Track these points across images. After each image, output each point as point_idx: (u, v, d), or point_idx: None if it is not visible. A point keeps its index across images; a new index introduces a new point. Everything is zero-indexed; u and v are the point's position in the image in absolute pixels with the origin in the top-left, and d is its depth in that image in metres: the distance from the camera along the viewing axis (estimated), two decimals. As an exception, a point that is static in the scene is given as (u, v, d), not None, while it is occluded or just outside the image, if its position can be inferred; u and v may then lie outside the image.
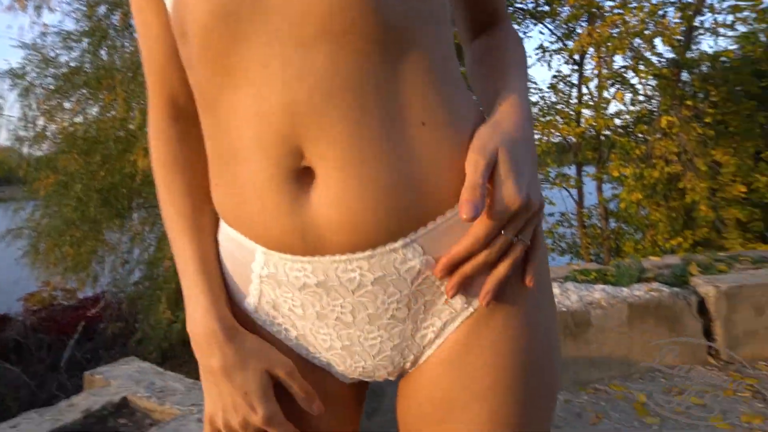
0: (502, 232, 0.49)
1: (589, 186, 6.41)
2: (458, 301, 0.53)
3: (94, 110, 6.29)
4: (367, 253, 0.50)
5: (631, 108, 5.76)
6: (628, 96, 5.56)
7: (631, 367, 2.35)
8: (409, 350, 0.55)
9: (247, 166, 0.51)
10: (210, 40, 0.50)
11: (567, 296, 2.32)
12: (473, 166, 0.49)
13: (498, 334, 0.53)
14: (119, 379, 1.79)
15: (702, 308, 2.47)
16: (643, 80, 5.23)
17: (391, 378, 0.58)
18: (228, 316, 0.56)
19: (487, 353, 0.53)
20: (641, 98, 5.71)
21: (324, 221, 0.49)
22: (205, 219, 0.60)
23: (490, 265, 0.50)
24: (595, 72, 5.57)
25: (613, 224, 6.31)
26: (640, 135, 5.60)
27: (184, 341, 5.39)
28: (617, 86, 5.57)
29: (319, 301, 0.53)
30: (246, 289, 0.57)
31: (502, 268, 0.50)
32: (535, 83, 8.17)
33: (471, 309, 0.53)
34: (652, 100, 5.67)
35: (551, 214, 6.45)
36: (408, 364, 0.56)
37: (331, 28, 0.47)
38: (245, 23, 0.48)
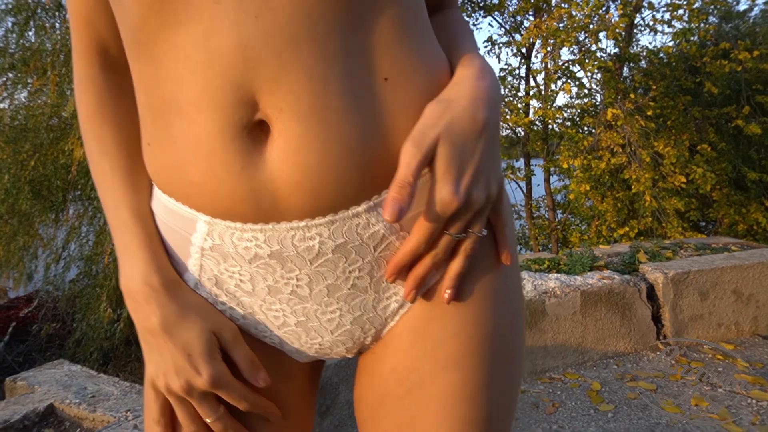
0: (446, 231, 0.46)
1: (536, 178, 6.55)
2: None
3: (22, 96, 5.89)
4: (328, 218, 0.45)
5: (577, 101, 5.91)
6: (575, 88, 5.70)
7: (585, 354, 2.38)
8: (370, 323, 0.51)
9: (188, 121, 0.44)
10: None
11: (522, 285, 2.31)
12: (407, 159, 0.44)
13: (465, 302, 0.50)
14: (45, 385, 1.63)
15: (651, 294, 2.53)
16: (588, 73, 5.37)
17: (349, 355, 0.54)
18: (168, 268, 0.50)
19: (453, 321, 0.49)
20: (587, 91, 5.87)
21: (281, 182, 0.44)
22: (142, 178, 0.52)
23: (441, 264, 0.48)
24: (543, 64, 5.67)
25: (560, 215, 6.48)
26: (586, 127, 5.75)
27: (128, 340, 5.15)
28: (564, 79, 5.69)
29: (272, 274, 0.48)
30: (184, 264, 0.50)
31: (455, 265, 0.48)
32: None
33: (437, 275, 0.49)
34: (597, 94, 5.84)
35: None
36: (369, 339, 0.53)
37: None
38: None
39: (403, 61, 0.46)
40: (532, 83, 6.20)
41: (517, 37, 6.26)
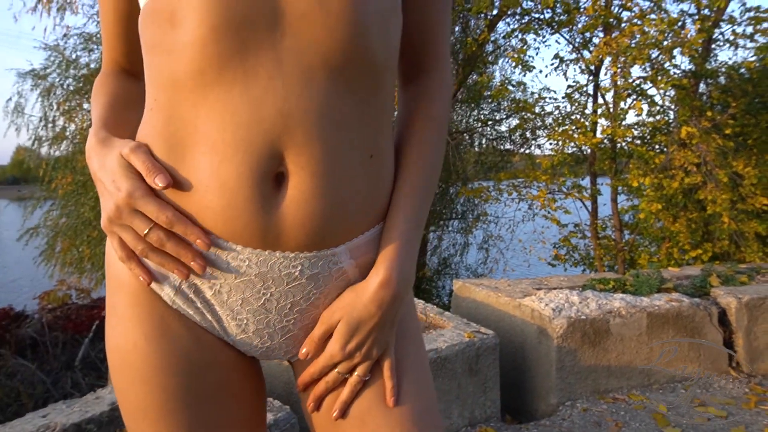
0: (336, 370, 0.63)
1: (602, 197, 6.37)
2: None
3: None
4: (312, 253, 0.59)
5: (649, 119, 5.73)
6: (646, 106, 5.53)
7: (651, 377, 2.32)
8: (312, 327, 0.64)
9: (221, 158, 0.55)
10: (217, 42, 0.53)
11: (586, 304, 2.29)
12: (319, 326, 0.63)
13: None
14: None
15: (723, 320, 2.44)
16: (661, 91, 5.20)
17: (285, 359, 0.68)
18: (103, 132, 0.63)
19: None
20: (659, 109, 5.68)
21: (289, 223, 0.57)
22: (113, 127, 0.65)
23: (331, 389, 0.64)
24: (612, 82, 5.54)
25: (627, 236, 6.26)
26: (657, 146, 5.56)
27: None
28: (634, 96, 5.54)
29: (251, 289, 0.60)
30: (167, 274, 0.61)
31: (343, 395, 0.63)
32: (553, 91, 8.18)
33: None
34: (671, 111, 5.63)
35: (565, 225, 6.41)
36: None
37: (332, 62, 0.55)
38: (260, 35, 0.54)
39: (382, 144, 0.62)
40: (600, 101, 6.07)
41: (586, 54, 6.17)
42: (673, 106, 5.45)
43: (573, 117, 6.05)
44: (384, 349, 0.64)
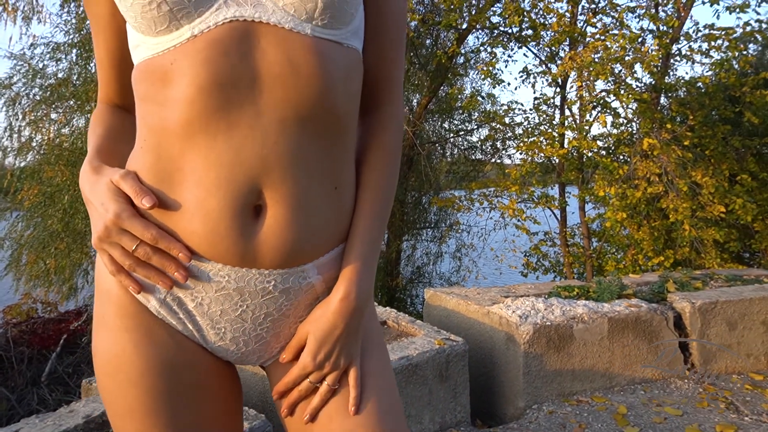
0: (308, 379, 0.71)
1: (571, 206, 6.55)
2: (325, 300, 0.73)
3: (81, 122, 6.30)
4: (285, 270, 0.68)
5: (613, 131, 5.93)
6: (610, 119, 5.73)
7: (612, 379, 2.42)
8: (284, 337, 0.73)
9: (205, 193, 0.63)
10: (204, 99, 0.61)
11: (551, 311, 2.39)
12: (294, 338, 0.73)
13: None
14: (116, 387, 1.80)
15: (678, 323, 2.56)
16: (624, 104, 5.40)
17: (257, 363, 0.76)
18: (96, 161, 0.70)
19: None
20: (622, 121, 5.89)
21: (265, 246, 0.66)
22: (108, 155, 0.73)
23: (304, 397, 0.72)
24: (578, 95, 5.73)
25: (595, 243, 6.44)
26: (622, 156, 5.76)
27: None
28: (599, 109, 5.74)
29: (229, 302, 0.68)
30: (153, 286, 0.68)
31: (314, 402, 0.71)
32: (521, 104, 8.38)
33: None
34: (633, 123, 5.85)
35: (535, 233, 6.57)
36: (278, 349, 0.74)
37: (302, 114, 0.64)
38: (241, 93, 0.62)
39: (345, 176, 0.71)
40: (567, 113, 6.26)
41: (553, 67, 6.36)
42: (635, 119, 5.66)
43: (541, 128, 6.23)
44: (350, 360, 0.72)
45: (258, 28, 0.62)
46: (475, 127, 7.91)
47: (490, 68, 6.07)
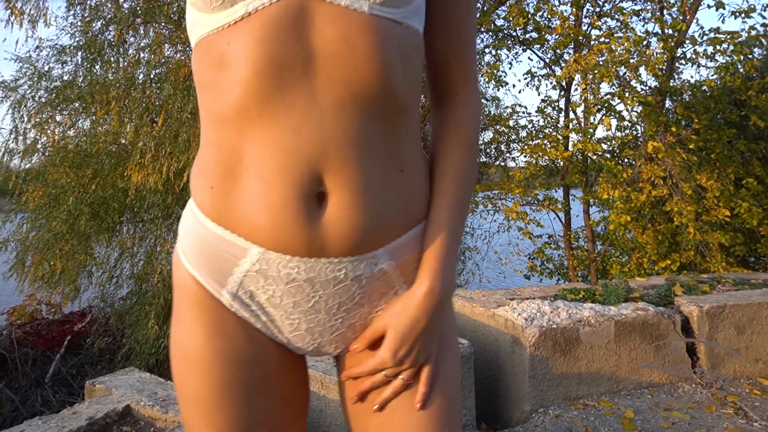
0: (383, 372, 0.70)
1: (576, 209, 6.53)
2: (403, 289, 0.71)
3: (86, 124, 6.30)
4: (355, 257, 0.66)
5: (617, 134, 5.92)
6: (614, 122, 5.72)
7: (619, 383, 2.40)
8: (360, 327, 0.71)
9: (266, 184, 0.63)
10: (259, 81, 0.61)
11: (557, 314, 2.37)
12: (370, 329, 0.71)
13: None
14: (121, 389, 1.80)
15: (685, 327, 2.54)
16: (628, 107, 5.39)
17: (333, 353, 0.75)
18: None
19: None
20: (627, 124, 5.87)
21: (330, 235, 0.64)
22: None
23: (377, 387, 0.70)
24: (582, 98, 5.72)
25: (599, 247, 6.41)
26: (626, 160, 5.74)
27: (172, 357, 5.34)
28: (604, 112, 5.72)
29: (301, 293, 0.67)
30: (225, 280, 0.69)
31: (386, 394, 0.70)
32: (525, 107, 8.36)
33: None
34: (638, 126, 5.83)
35: (539, 236, 6.54)
36: (354, 339, 0.72)
37: (361, 94, 0.62)
38: (296, 75, 0.61)
39: (411, 159, 0.69)
40: (572, 116, 6.25)
41: (557, 70, 6.35)
42: (640, 122, 5.65)
43: (546, 131, 6.21)
44: (428, 356, 0.70)
45: (313, 6, 0.61)
46: (480, 129, 7.89)
47: (494, 71, 6.06)
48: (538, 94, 11.42)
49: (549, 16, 5.93)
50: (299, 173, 0.62)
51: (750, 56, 5.76)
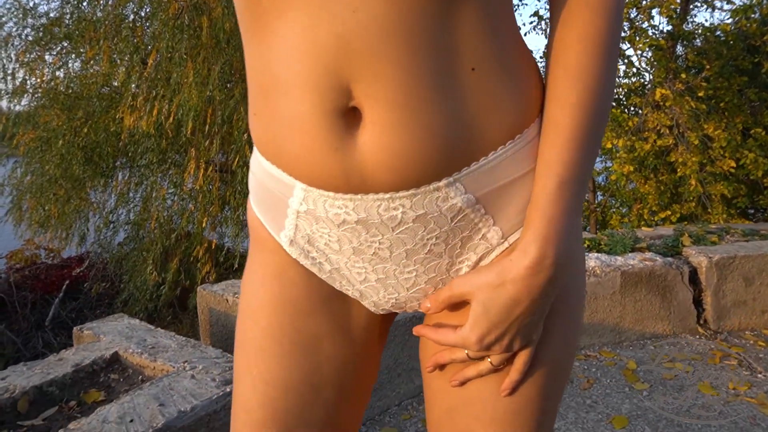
0: (466, 352, 0.55)
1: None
2: (495, 236, 0.54)
3: (76, 65, 6.08)
4: (411, 191, 0.51)
5: (624, 80, 5.73)
6: (623, 67, 5.53)
7: (621, 334, 2.38)
8: (443, 283, 0.57)
9: (290, 100, 0.50)
10: None
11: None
12: (447, 289, 0.55)
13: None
14: (109, 335, 1.76)
15: (693, 278, 2.51)
16: (638, 51, 5.19)
17: (422, 309, 0.61)
18: None
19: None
20: (634, 71, 5.68)
21: (370, 163, 0.50)
22: None
23: (457, 362, 0.57)
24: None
25: (600, 197, 6.36)
26: (632, 107, 5.59)
27: (171, 303, 5.37)
28: (612, 57, 5.52)
29: (357, 238, 0.54)
30: (282, 223, 0.59)
31: (469, 373, 0.56)
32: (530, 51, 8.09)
33: (507, 244, 0.54)
34: (646, 73, 5.65)
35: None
36: None
37: None
38: None
39: (489, 54, 0.49)
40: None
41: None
42: (649, 68, 5.46)
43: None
44: (527, 344, 0.54)
45: None
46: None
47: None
48: (545, 37, 11.04)
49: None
50: (318, 83, 0.48)
51: None
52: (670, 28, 5.42)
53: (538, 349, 0.55)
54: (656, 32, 5.51)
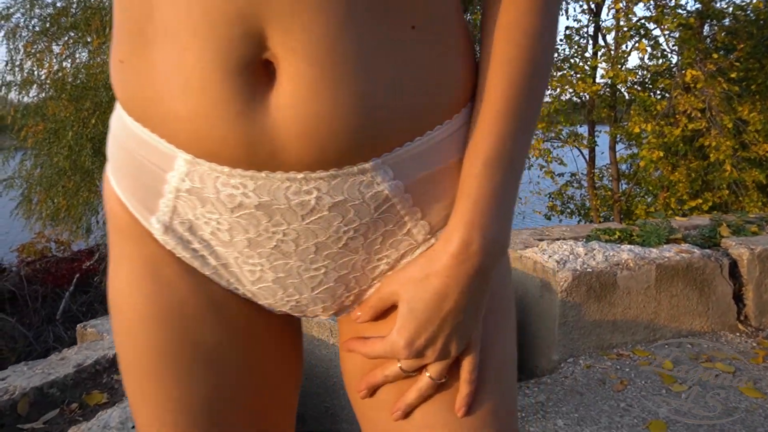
0: (399, 364, 0.47)
1: (600, 146, 6.20)
2: (421, 232, 0.46)
3: (83, 55, 6.02)
4: (331, 172, 0.42)
5: (651, 63, 5.49)
6: (649, 48, 5.28)
7: (656, 331, 2.21)
8: (356, 282, 0.48)
9: (178, 46, 0.39)
10: None
11: (592, 256, 2.14)
12: (375, 294, 0.48)
13: None
14: (113, 333, 1.66)
15: (733, 272, 2.31)
16: (666, 32, 4.94)
17: (323, 316, 0.52)
18: None
19: None
20: (661, 52, 5.43)
21: (283, 131, 0.40)
22: None
23: (391, 381, 0.48)
24: (615, 22, 5.26)
25: (624, 186, 6.14)
26: (659, 91, 5.35)
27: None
28: (637, 39, 5.28)
29: (255, 227, 0.44)
30: (154, 204, 0.46)
31: (409, 397, 0.47)
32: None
33: (434, 240, 0.47)
34: (674, 55, 5.40)
35: (561, 175, 6.25)
36: (351, 299, 0.50)
37: None
38: None
39: (433, 13, 0.43)
40: (601, 42, 5.79)
41: (587, -8, 5.84)
42: (677, 49, 5.21)
43: (572, 60, 5.79)
44: (466, 345, 0.47)
45: None
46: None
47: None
48: (567, 18, 10.71)
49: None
50: (223, 28, 0.38)
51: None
52: (698, 6, 5.16)
53: (484, 352, 0.48)
54: (684, 12, 5.27)
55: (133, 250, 0.49)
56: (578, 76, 5.47)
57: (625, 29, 5.09)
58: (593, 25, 5.87)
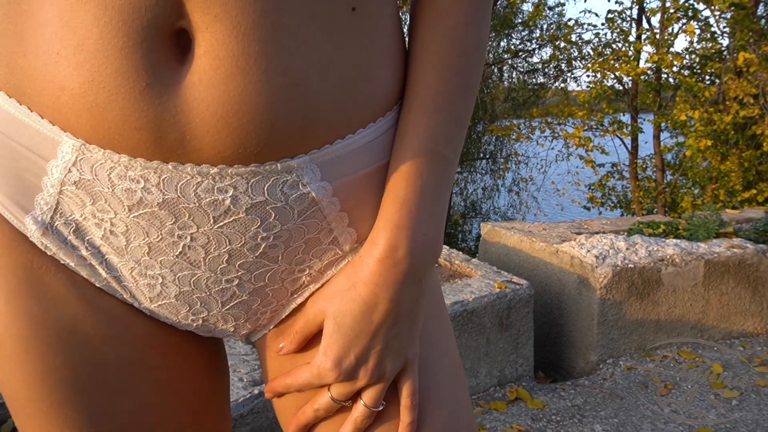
0: (330, 394, 0.42)
1: (644, 135, 5.94)
2: (348, 240, 0.42)
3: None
4: (251, 168, 0.36)
5: (699, 46, 5.20)
6: (697, 30, 5.00)
7: (704, 332, 2.07)
8: (273, 296, 0.43)
9: (68, 4, 0.33)
10: None
11: (634, 251, 2.02)
12: (300, 316, 0.43)
13: None
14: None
15: (791, 268, 2.15)
16: (717, 12, 4.67)
17: (236, 335, 0.46)
18: None
19: None
20: (711, 34, 5.14)
21: (197, 113, 0.34)
22: None
23: (322, 416, 0.43)
24: (661, 3, 5.00)
25: (669, 177, 5.86)
26: (708, 76, 5.07)
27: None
28: (684, 21, 5.01)
29: (158, 230, 0.38)
30: (29, 200, 0.39)
31: (345, 430, 0.42)
32: (596, 14, 7.58)
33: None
34: (723, 38, 5.10)
35: (601, 165, 6.02)
36: (267, 315, 0.44)
37: None
38: None
39: None
40: (645, 26, 5.52)
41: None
42: (728, 30, 4.92)
43: (614, 45, 5.54)
44: (402, 363, 0.42)
45: None
46: (537, 46, 7.21)
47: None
48: (608, 0, 10.30)
49: None
50: None
51: None
52: (753, -16, 4.84)
53: (428, 368, 0.43)
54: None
55: (6, 262, 0.40)
56: (621, 60, 5.24)
57: (672, 10, 4.83)
58: (637, 6, 5.59)
